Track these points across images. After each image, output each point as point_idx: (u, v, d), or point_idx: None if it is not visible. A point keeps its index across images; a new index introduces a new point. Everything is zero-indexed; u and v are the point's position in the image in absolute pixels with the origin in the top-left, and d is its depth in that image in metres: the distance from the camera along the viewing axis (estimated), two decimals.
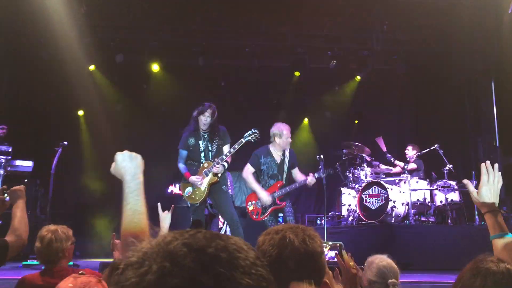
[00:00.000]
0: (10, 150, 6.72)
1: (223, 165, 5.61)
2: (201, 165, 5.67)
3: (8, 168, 6.58)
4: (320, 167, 5.91)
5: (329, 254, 2.10)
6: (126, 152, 1.71)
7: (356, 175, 8.16)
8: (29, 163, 6.94)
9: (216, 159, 5.62)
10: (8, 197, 2.83)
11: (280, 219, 5.91)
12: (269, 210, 5.71)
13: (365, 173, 8.01)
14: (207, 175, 5.61)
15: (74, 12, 8.24)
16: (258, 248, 1.50)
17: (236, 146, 5.56)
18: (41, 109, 9.38)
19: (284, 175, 5.82)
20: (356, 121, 11.06)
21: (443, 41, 9.16)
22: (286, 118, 10.94)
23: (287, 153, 5.90)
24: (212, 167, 5.57)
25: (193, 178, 5.59)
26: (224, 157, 5.57)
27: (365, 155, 8.34)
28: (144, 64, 9.52)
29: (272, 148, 5.87)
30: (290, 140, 5.87)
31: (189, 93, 10.59)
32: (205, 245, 0.70)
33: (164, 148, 10.29)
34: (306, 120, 11.29)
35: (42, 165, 7.46)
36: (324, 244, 2.10)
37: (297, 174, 5.94)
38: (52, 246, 2.91)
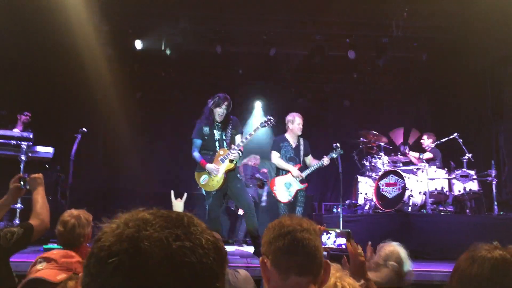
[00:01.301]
0: (31, 136, 6.84)
1: (239, 153, 5.67)
2: (217, 152, 5.70)
3: (30, 154, 6.69)
4: (336, 150, 6.40)
5: (337, 241, 2.11)
6: None
7: (373, 164, 8.11)
8: (49, 149, 7.05)
9: (232, 145, 5.67)
10: (24, 185, 2.95)
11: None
12: (294, 192, 6.23)
13: (382, 162, 7.95)
14: (223, 162, 5.63)
15: (93, 0, 8.34)
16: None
17: (253, 133, 5.68)
18: (61, 96, 9.51)
19: (300, 159, 6.39)
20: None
21: (463, 27, 8.98)
22: (304, 106, 10.98)
23: (301, 141, 6.46)
24: (228, 154, 5.61)
25: (210, 166, 5.60)
26: (241, 143, 5.64)
27: (383, 144, 8.29)
28: (162, 52, 9.55)
29: (287, 135, 6.45)
30: (301, 127, 6.40)
31: (207, 81, 10.65)
32: (167, 214, 0.85)
33: (181, 136, 10.39)
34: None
35: (62, 151, 7.59)
36: (331, 231, 2.12)
37: (311, 161, 6.46)
38: (75, 232, 2.99)
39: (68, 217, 3.02)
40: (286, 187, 6.23)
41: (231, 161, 5.63)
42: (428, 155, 8.03)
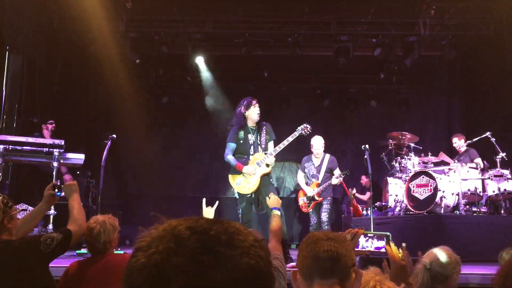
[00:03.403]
0: (62, 143, 6.95)
1: (274, 158, 5.72)
2: (253, 156, 5.73)
3: (61, 161, 6.79)
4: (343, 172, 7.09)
5: (375, 244, 2.07)
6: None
7: (403, 165, 7.96)
8: (80, 156, 7.16)
9: (268, 150, 5.72)
10: (58, 192, 3.03)
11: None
12: (312, 203, 6.97)
13: (412, 163, 7.80)
14: (259, 165, 5.65)
15: (120, 8, 8.49)
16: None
17: (290, 139, 5.74)
18: (90, 103, 9.67)
19: (321, 177, 6.98)
20: None
21: (493, 24, 8.77)
22: (330, 107, 10.90)
23: (325, 160, 7.03)
24: (265, 158, 5.64)
25: (249, 167, 5.64)
26: (278, 148, 5.69)
27: (412, 144, 8.14)
28: (188, 57, 9.62)
29: (313, 155, 7.11)
30: (317, 150, 6.95)
31: (232, 84, 10.68)
32: (207, 228, 0.77)
33: (208, 140, 10.45)
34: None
35: (93, 157, 7.71)
36: (370, 234, 2.08)
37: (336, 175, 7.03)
38: (101, 238, 3.00)
39: (93, 224, 3.03)
40: (305, 199, 7.09)
41: (267, 165, 5.66)
42: (477, 161, 7.63)
